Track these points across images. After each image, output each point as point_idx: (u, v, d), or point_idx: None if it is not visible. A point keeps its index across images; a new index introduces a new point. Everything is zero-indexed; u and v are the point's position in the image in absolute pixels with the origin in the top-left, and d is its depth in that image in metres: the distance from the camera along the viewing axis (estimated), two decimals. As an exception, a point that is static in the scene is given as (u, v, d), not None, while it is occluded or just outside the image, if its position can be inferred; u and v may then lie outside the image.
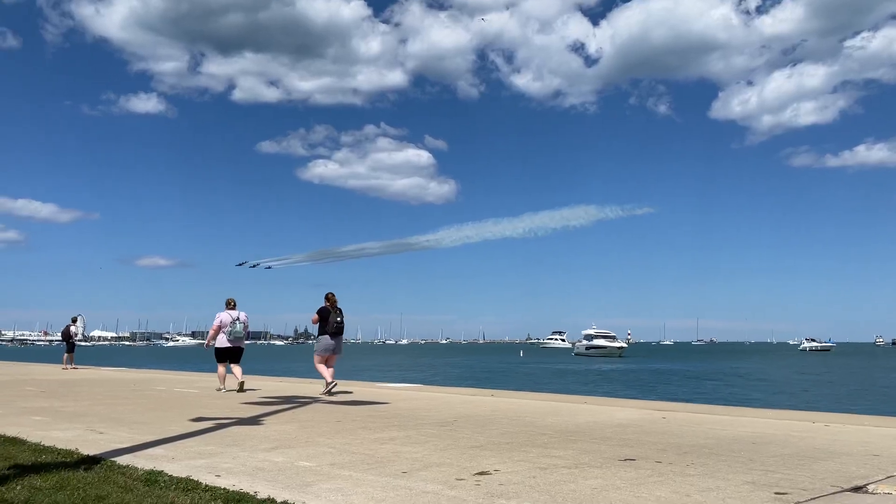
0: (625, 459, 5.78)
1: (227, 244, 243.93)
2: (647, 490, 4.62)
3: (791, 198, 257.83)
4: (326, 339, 12.26)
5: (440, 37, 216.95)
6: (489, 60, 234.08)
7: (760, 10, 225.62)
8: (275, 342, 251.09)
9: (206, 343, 13.75)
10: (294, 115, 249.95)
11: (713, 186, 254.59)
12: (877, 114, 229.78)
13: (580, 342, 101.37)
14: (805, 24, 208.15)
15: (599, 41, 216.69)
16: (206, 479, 4.83)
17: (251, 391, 13.08)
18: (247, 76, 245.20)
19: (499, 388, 17.85)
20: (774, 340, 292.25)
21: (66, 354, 23.16)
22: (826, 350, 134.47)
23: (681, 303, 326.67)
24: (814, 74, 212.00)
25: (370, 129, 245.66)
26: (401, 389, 14.38)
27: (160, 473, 4.98)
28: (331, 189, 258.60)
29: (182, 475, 4.94)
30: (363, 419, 8.71)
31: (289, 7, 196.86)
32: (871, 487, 4.69)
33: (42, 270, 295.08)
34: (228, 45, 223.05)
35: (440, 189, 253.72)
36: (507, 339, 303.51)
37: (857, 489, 4.67)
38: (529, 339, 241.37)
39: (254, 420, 8.61)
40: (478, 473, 5.17)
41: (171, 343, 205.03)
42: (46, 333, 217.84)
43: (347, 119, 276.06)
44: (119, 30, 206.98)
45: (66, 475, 4.92)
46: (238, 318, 13.22)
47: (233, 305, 13.35)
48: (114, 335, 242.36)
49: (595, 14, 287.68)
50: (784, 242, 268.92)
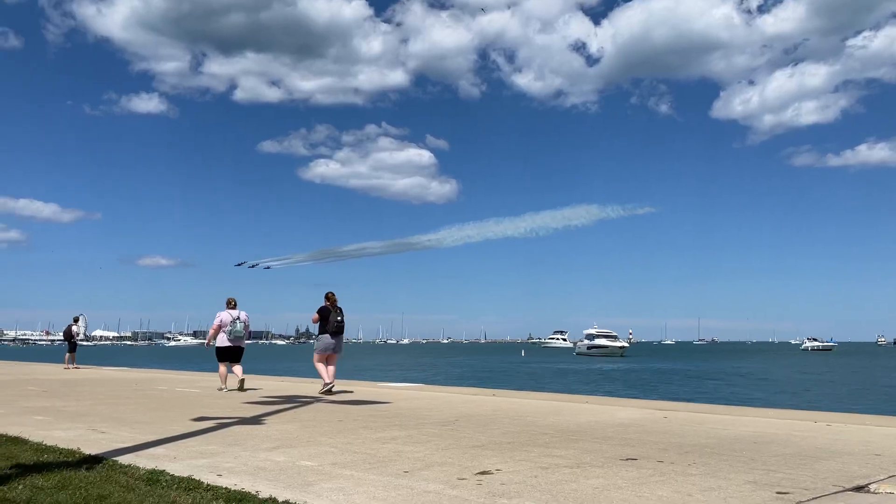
0: (626, 459, 5.78)
1: (229, 244, 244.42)
2: (649, 490, 4.62)
3: (792, 197, 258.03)
4: (327, 338, 12.28)
5: (441, 36, 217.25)
6: (490, 60, 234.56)
7: (762, 10, 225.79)
8: (276, 342, 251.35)
9: (207, 342, 13.78)
10: (295, 115, 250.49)
11: (714, 186, 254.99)
12: (878, 113, 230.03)
13: (582, 342, 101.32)
14: (806, 24, 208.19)
15: (601, 41, 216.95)
16: (208, 479, 4.84)
17: (252, 391, 13.09)
18: (248, 76, 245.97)
19: (500, 388, 17.86)
20: (776, 340, 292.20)
21: (68, 354, 23.20)
22: (828, 350, 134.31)
23: (682, 302, 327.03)
24: (815, 74, 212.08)
25: (371, 129, 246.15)
26: (402, 389, 14.39)
27: (162, 473, 4.98)
28: (332, 189, 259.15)
29: (184, 475, 4.94)
30: (365, 419, 8.72)
31: (290, 7, 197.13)
32: (873, 487, 4.69)
33: (44, 270, 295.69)
34: (230, 45, 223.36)
35: (441, 189, 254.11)
36: (509, 339, 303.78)
37: (859, 489, 4.66)
38: (531, 339, 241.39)
39: (255, 419, 8.62)
40: (479, 473, 5.17)
41: (173, 343, 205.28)
42: (48, 333, 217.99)
43: (349, 119, 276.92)
44: (121, 30, 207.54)
45: (68, 475, 4.93)
46: (238, 318, 13.23)
47: (233, 305, 13.36)
48: (115, 335, 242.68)
49: (596, 13, 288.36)
50: (785, 242, 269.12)
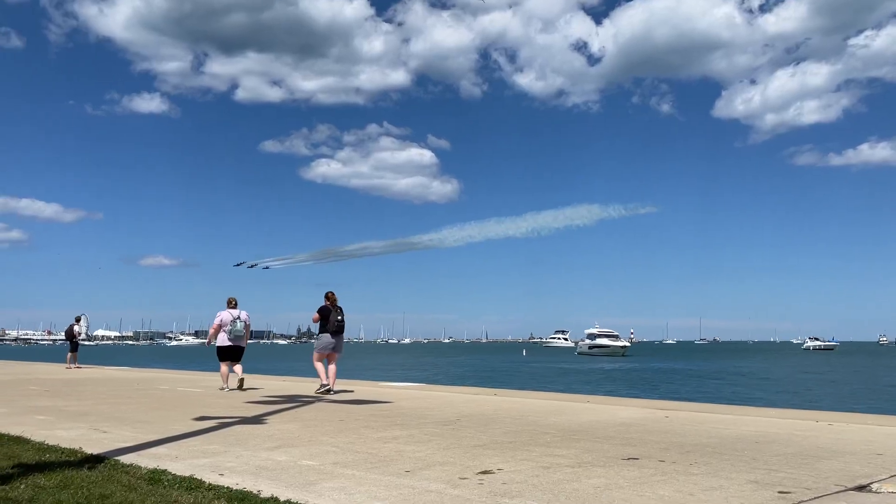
0: (628, 458, 5.78)
1: (231, 244, 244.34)
2: (651, 489, 4.61)
3: (794, 197, 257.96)
4: (327, 338, 12.31)
5: (443, 36, 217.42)
6: (492, 60, 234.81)
7: (763, 9, 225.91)
8: (278, 341, 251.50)
9: (207, 341, 13.83)
10: (297, 115, 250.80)
11: (716, 185, 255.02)
12: (880, 112, 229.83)
13: (583, 341, 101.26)
14: (808, 23, 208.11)
15: (602, 40, 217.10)
16: (210, 478, 4.84)
17: (252, 390, 13.09)
18: (250, 76, 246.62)
19: (502, 388, 17.86)
20: (777, 339, 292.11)
21: (70, 354, 23.23)
22: (829, 349, 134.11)
23: (684, 302, 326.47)
24: (817, 73, 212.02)
25: (373, 129, 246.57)
26: (403, 388, 14.39)
27: (163, 472, 4.99)
28: (334, 188, 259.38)
29: (185, 474, 4.95)
30: (366, 418, 8.72)
31: (292, 7, 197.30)
32: (875, 486, 4.69)
33: (46, 270, 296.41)
34: (231, 45, 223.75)
35: (443, 188, 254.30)
36: (510, 339, 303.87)
37: (861, 488, 4.66)
38: (532, 339, 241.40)
39: (257, 419, 8.62)
40: (481, 472, 5.17)
41: (175, 342, 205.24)
42: (50, 333, 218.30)
43: (350, 118, 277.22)
44: (122, 30, 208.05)
45: (70, 474, 4.93)
46: (238, 317, 13.26)
47: (234, 304, 13.39)
48: (117, 334, 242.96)
49: (598, 13, 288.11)
50: (787, 241, 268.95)
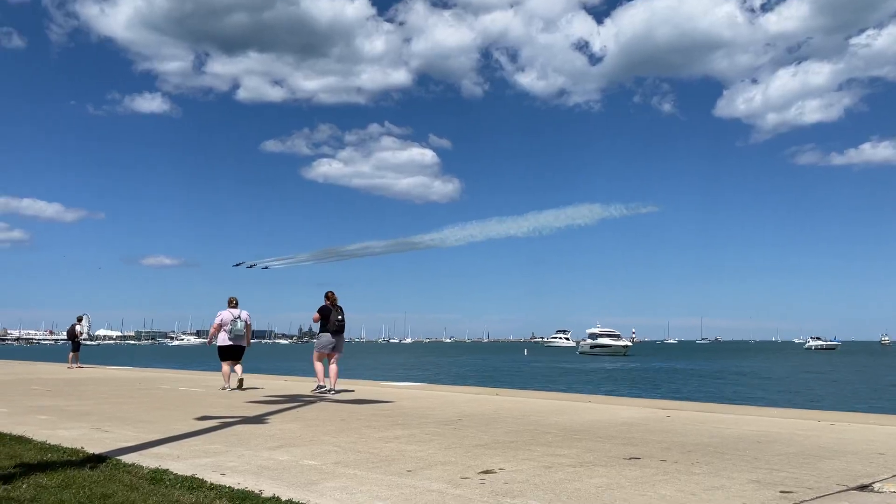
0: (629, 458, 5.78)
1: (232, 244, 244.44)
2: (652, 489, 4.61)
3: (796, 196, 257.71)
4: (327, 337, 12.35)
5: (444, 36, 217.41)
6: (493, 59, 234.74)
7: (765, 8, 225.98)
8: (279, 341, 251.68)
9: (208, 341, 13.85)
10: (298, 115, 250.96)
11: (717, 185, 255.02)
12: (882, 112, 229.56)
13: (585, 341, 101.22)
14: (810, 22, 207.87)
15: (603, 39, 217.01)
16: (211, 478, 4.84)
17: (253, 389, 13.10)
18: (251, 76, 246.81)
19: (503, 387, 17.86)
20: (779, 339, 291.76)
21: (72, 353, 23.25)
22: (831, 349, 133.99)
23: (685, 301, 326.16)
24: (819, 72, 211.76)
25: (374, 128, 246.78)
26: (405, 388, 14.40)
27: (165, 472, 4.99)
28: (335, 188, 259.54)
29: (187, 474, 4.95)
30: (367, 418, 8.72)
31: (293, 6, 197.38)
32: (877, 486, 4.68)
33: (47, 270, 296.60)
34: (233, 45, 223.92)
35: (444, 188, 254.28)
36: (512, 338, 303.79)
37: (863, 488, 4.65)
38: (534, 338, 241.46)
39: (258, 419, 8.63)
40: (482, 472, 5.17)
41: (176, 342, 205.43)
42: (52, 332, 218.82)
43: (352, 118, 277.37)
44: (124, 29, 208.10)
45: (72, 474, 4.93)
46: (239, 317, 13.27)
47: (234, 304, 13.41)
48: (119, 334, 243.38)
49: (599, 12, 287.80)
50: (789, 241, 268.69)
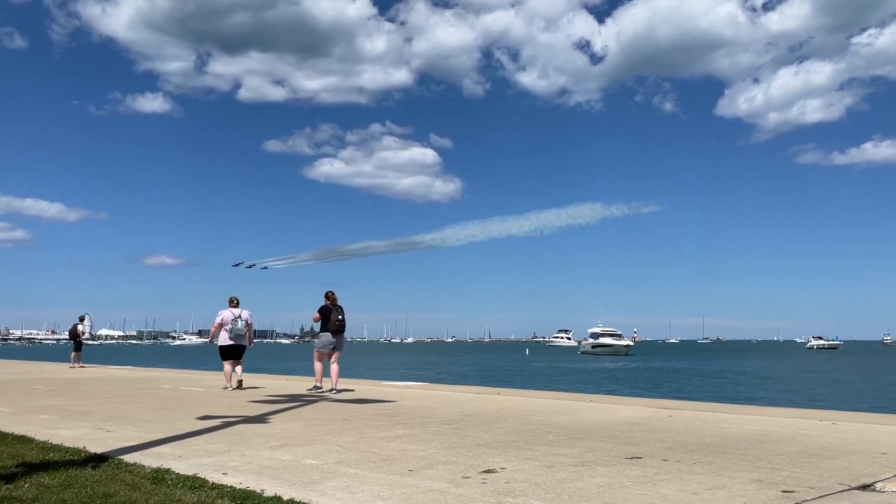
0: (631, 458, 5.78)
1: (234, 243, 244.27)
2: (654, 488, 4.61)
3: (797, 196, 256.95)
4: (328, 336, 12.40)
5: (445, 35, 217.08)
6: (494, 58, 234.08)
7: (767, 7, 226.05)
8: (281, 340, 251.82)
9: (209, 340, 13.88)
10: (300, 115, 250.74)
11: (719, 184, 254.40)
12: (883, 111, 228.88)
13: (586, 340, 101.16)
14: (812, 21, 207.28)
15: (605, 39, 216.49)
16: (213, 477, 4.85)
17: (254, 389, 13.11)
18: (253, 75, 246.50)
19: (505, 387, 17.86)
20: (781, 338, 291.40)
21: (74, 353, 23.29)
22: (833, 348, 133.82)
23: (686, 301, 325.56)
24: (820, 71, 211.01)
25: (376, 128, 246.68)
26: (406, 388, 14.40)
27: (167, 471, 5.00)
28: (336, 188, 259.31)
29: (189, 473, 4.95)
30: (369, 417, 8.72)
31: (294, 6, 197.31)
32: (879, 486, 4.68)
33: (49, 269, 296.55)
34: (234, 45, 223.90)
35: (445, 187, 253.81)
36: (513, 338, 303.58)
37: (865, 487, 4.65)
38: (535, 338, 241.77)
39: (260, 418, 8.64)
40: (484, 472, 5.17)
41: (178, 342, 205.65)
42: (54, 332, 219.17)
43: (353, 118, 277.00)
44: (125, 29, 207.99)
45: (74, 473, 4.94)
46: (239, 316, 13.29)
47: (235, 303, 13.44)
48: (121, 334, 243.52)
49: (600, 12, 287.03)
50: (791, 240, 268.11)
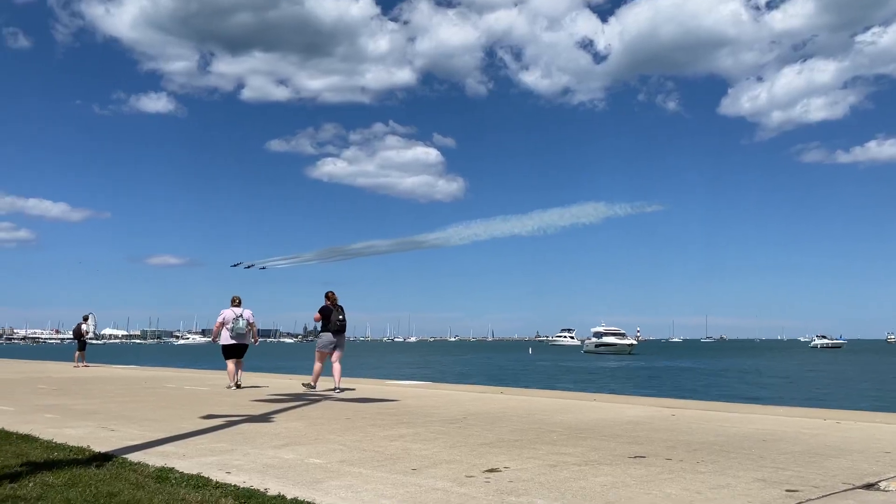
0: (634, 457, 5.78)
1: (237, 243, 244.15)
2: (658, 487, 4.61)
3: (801, 194, 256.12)
4: (328, 336, 12.47)
5: (448, 34, 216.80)
6: (497, 58, 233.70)
7: (770, 6, 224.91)
8: (284, 340, 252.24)
9: (212, 339, 13.90)
10: (303, 114, 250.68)
11: (722, 183, 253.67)
12: (887, 109, 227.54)
13: (590, 340, 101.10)
14: (815, 20, 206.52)
15: (608, 38, 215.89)
16: (217, 476, 4.86)
17: (257, 388, 13.14)
18: (256, 75, 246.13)
19: (508, 386, 17.85)
20: (785, 338, 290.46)
21: (78, 352, 23.33)
22: (837, 347, 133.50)
23: (690, 300, 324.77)
24: (824, 70, 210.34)
25: (379, 128, 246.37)
26: (410, 387, 14.41)
27: (171, 470, 5.01)
28: (339, 187, 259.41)
29: (193, 472, 4.96)
30: (372, 416, 8.73)
31: (298, 6, 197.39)
32: (883, 485, 4.67)
33: (53, 269, 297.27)
34: (238, 45, 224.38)
35: (449, 187, 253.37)
36: (516, 337, 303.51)
37: (869, 486, 4.64)
38: (538, 337, 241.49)
39: (264, 417, 8.65)
40: (487, 471, 5.17)
41: (182, 341, 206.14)
42: (58, 332, 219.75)
43: (356, 117, 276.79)
44: (129, 29, 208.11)
45: (78, 472, 4.96)
46: (241, 315, 13.31)
47: (237, 303, 13.46)
48: (125, 333, 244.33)
49: (603, 11, 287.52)
50: (794, 239, 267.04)
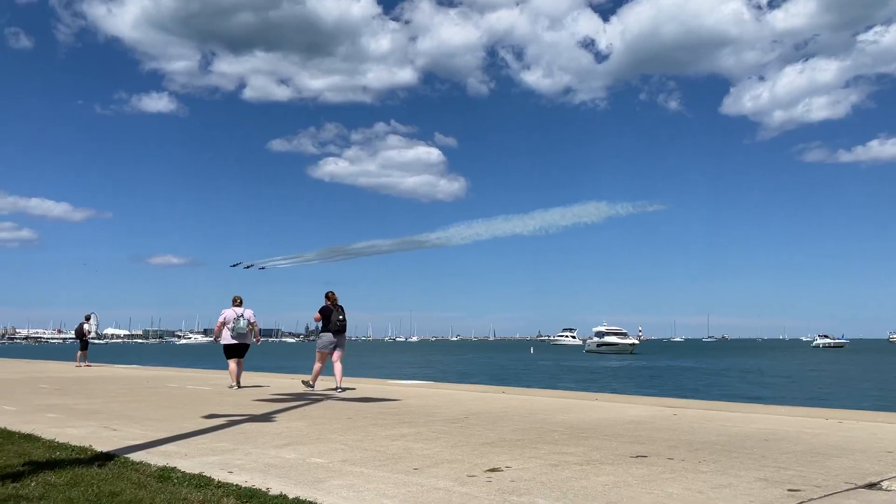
0: (636, 456, 5.77)
1: (239, 242, 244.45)
2: (659, 487, 4.60)
3: (803, 194, 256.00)
4: (329, 336, 12.50)
5: (450, 34, 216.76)
6: (499, 57, 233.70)
7: (772, 5, 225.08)
8: (286, 339, 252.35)
9: (214, 338, 13.93)
10: (304, 114, 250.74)
11: (724, 183, 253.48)
12: (890, 109, 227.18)
13: (591, 339, 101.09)
14: (817, 19, 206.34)
15: (609, 37, 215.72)
16: (219, 476, 4.86)
17: (257, 387, 13.15)
18: (257, 75, 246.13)
19: (510, 385, 17.84)
20: (786, 337, 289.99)
21: (80, 352, 23.37)
22: (839, 347, 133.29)
23: (692, 299, 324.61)
24: (826, 69, 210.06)
25: (380, 127, 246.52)
26: (411, 386, 14.41)
27: (173, 470, 5.01)
28: (341, 187, 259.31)
29: (195, 472, 4.97)
30: (374, 416, 8.74)
31: (299, 6, 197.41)
32: (885, 484, 4.66)
33: (55, 269, 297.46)
34: (239, 44, 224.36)
35: (450, 186, 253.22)
36: (518, 337, 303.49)
37: (871, 486, 4.64)
38: (540, 337, 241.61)
39: (265, 417, 8.66)
40: (489, 470, 5.17)
41: (184, 341, 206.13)
42: (60, 331, 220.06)
43: (357, 117, 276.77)
44: (131, 29, 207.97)
45: (80, 472, 4.96)
46: (242, 315, 13.32)
47: (238, 302, 13.48)
48: (127, 333, 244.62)
49: (605, 10, 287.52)
50: (796, 238, 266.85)
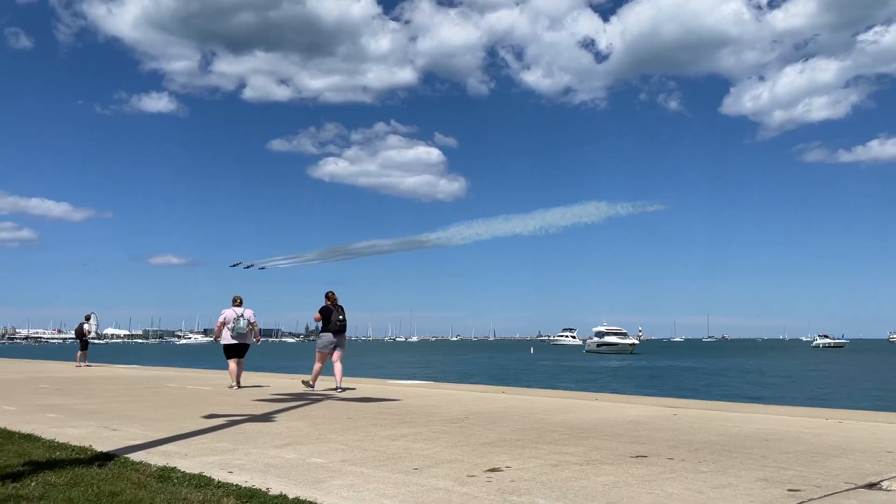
0: (636, 456, 5.77)
1: (239, 242, 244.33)
2: (659, 487, 4.60)
3: (803, 194, 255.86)
4: (329, 336, 12.50)
5: (450, 34, 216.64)
6: (499, 57, 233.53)
7: (772, 5, 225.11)
8: (286, 339, 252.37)
9: (214, 338, 13.94)
10: (304, 114, 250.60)
11: (724, 183, 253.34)
12: (890, 109, 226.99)
13: (591, 339, 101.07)
14: (817, 19, 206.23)
15: (610, 37, 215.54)
16: (219, 476, 4.86)
17: (257, 387, 13.15)
18: (257, 75, 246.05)
19: (510, 385, 17.85)
20: (786, 337, 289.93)
21: (80, 352, 23.38)
22: (839, 347, 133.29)
23: (692, 299, 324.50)
24: (826, 69, 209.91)
25: (380, 127, 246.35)
26: (411, 386, 14.41)
27: (173, 470, 5.01)
28: (341, 187, 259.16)
29: (195, 472, 4.97)
30: (374, 416, 8.74)
31: (299, 6, 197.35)
32: (886, 484, 4.66)
33: (55, 269, 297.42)
34: (239, 44, 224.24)
35: (450, 186, 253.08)
36: (518, 337, 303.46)
37: (871, 486, 4.64)
38: (540, 336, 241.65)
39: (265, 417, 8.66)
40: (489, 470, 5.17)
41: (184, 341, 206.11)
42: (60, 331, 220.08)
43: (358, 117, 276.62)
44: (131, 29, 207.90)
45: (80, 472, 4.96)
46: (242, 315, 13.32)
47: (238, 302, 13.48)
48: (127, 333, 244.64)
49: (605, 10, 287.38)
50: (796, 238, 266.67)
